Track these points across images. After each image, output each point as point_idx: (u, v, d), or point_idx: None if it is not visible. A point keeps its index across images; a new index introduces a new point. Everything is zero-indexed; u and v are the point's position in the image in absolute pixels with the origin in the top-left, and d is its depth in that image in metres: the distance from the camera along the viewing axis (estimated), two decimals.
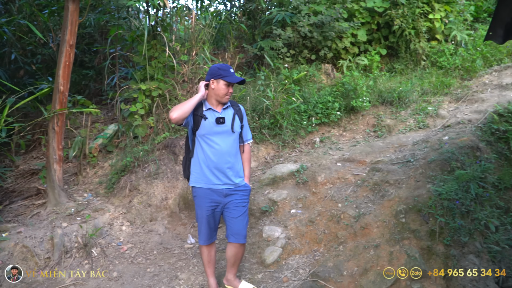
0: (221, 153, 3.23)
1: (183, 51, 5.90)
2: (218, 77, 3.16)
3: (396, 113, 6.36)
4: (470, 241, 4.06)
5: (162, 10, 6.24)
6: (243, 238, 3.34)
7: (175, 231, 4.59)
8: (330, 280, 3.54)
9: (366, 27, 7.62)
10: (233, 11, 8.29)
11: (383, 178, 4.51)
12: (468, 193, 4.08)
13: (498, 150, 5.00)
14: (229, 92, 3.21)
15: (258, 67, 6.84)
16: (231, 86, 3.21)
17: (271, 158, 5.61)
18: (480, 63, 7.41)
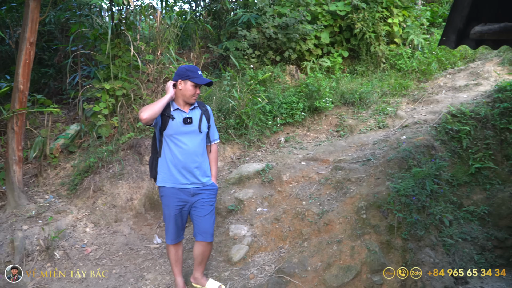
0: (188, 153, 3.27)
1: (148, 50, 5.87)
2: (186, 78, 3.20)
3: (358, 114, 6.59)
4: (426, 235, 4.28)
5: (126, 8, 6.17)
6: (210, 236, 3.39)
7: (140, 231, 4.57)
8: (295, 276, 3.65)
9: (329, 30, 7.83)
10: (198, 11, 8.29)
11: (345, 176, 4.68)
12: (424, 190, 4.31)
13: (452, 149, 5.29)
14: (196, 93, 3.26)
15: (223, 68, 6.89)
16: (198, 87, 3.26)
17: (237, 157, 5.67)
18: (435, 66, 7.79)
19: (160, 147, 3.34)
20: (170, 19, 6.28)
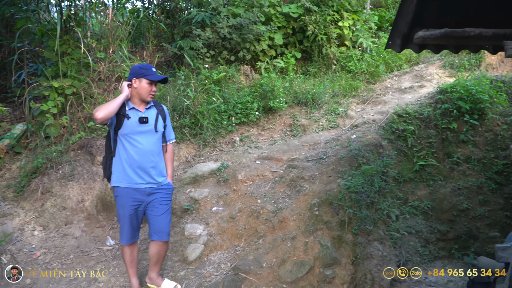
0: (144, 153, 3.24)
1: (99, 48, 5.71)
2: (140, 76, 3.17)
3: (310, 114, 6.77)
4: (375, 229, 4.49)
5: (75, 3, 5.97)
6: (166, 236, 3.38)
7: (92, 234, 4.45)
8: (250, 273, 3.71)
9: (282, 31, 7.98)
10: (151, 9, 8.16)
11: (299, 175, 4.80)
12: (373, 186, 4.52)
13: (398, 147, 5.57)
14: (152, 91, 3.24)
15: (178, 67, 6.83)
16: (154, 84, 3.24)
17: (192, 157, 5.66)
18: (383, 68, 8.15)
19: (114, 147, 3.28)
20: (122, 16, 6.15)
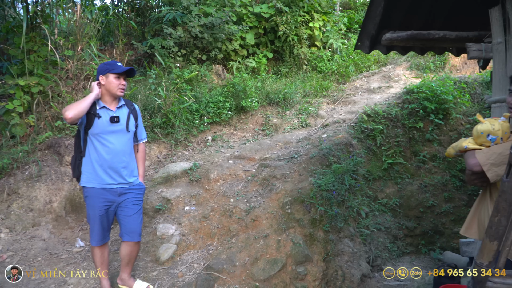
0: (115, 152, 3.19)
1: (67, 45, 5.56)
2: (106, 71, 3.12)
3: (282, 113, 6.83)
4: (345, 226, 4.58)
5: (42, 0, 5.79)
6: (138, 236, 3.33)
7: (61, 235, 4.33)
8: (223, 271, 3.71)
9: (254, 31, 8.01)
10: (121, 6, 8.01)
11: (271, 173, 4.84)
12: (343, 184, 4.61)
13: (367, 146, 5.70)
14: (121, 84, 3.18)
15: (148, 66, 6.75)
16: (122, 78, 3.18)
17: (163, 157, 5.60)
18: (352, 69, 8.32)
19: (84, 146, 3.20)
20: (91, 13, 6.01)
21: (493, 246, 1.43)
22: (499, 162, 2.09)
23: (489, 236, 1.42)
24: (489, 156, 2.14)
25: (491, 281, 1.54)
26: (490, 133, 2.24)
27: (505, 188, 1.33)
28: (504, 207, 1.35)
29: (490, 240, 1.42)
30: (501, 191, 1.35)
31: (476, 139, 2.32)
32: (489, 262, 1.47)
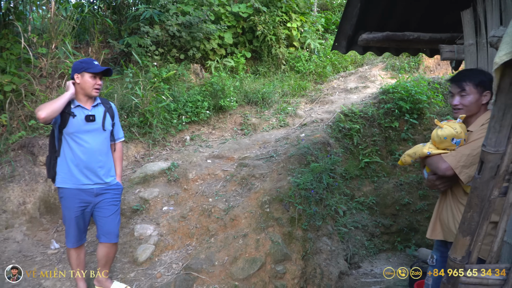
0: (91, 152, 3.13)
1: (40, 43, 5.42)
2: (82, 70, 3.05)
3: (261, 113, 6.84)
4: (323, 225, 4.64)
5: None
6: (115, 237, 3.28)
7: (35, 237, 4.23)
8: (202, 271, 3.70)
9: (232, 31, 7.99)
10: (96, 4, 7.86)
11: (250, 173, 4.85)
12: (321, 183, 4.66)
13: (345, 145, 5.78)
14: (97, 84, 3.11)
15: (125, 64, 6.65)
16: (98, 77, 3.12)
17: (141, 156, 5.53)
18: (330, 69, 8.41)
19: (59, 146, 3.13)
20: (65, 10, 5.87)
21: (465, 241, 1.48)
22: (469, 163, 2.17)
23: (462, 232, 1.47)
24: (459, 159, 2.20)
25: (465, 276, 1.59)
26: (454, 137, 2.26)
27: (477, 185, 1.37)
28: (476, 203, 1.40)
29: (463, 235, 1.47)
30: (473, 188, 1.39)
31: (438, 145, 2.34)
32: (462, 257, 1.52)
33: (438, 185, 2.40)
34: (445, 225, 2.44)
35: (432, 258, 2.67)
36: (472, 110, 2.35)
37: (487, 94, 2.33)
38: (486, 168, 1.35)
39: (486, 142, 1.32)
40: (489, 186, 1.38)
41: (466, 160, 2.19)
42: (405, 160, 2.55)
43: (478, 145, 2.14)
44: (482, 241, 1.51)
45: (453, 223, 2.39)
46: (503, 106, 1.23)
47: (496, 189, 1.40)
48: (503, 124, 1.26)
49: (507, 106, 1.23)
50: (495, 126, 1.28)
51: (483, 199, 1.39)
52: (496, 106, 1.25)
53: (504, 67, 1.19)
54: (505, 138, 1.28)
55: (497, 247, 1.52)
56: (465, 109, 2.36)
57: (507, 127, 1.26)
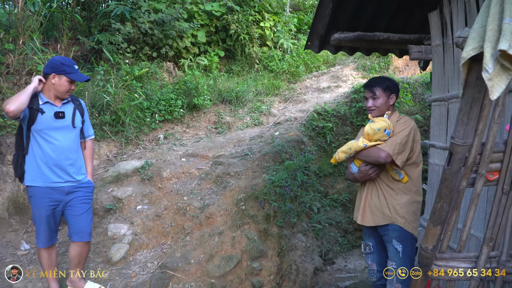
0: (61, 149, 3.06)
1: (7, 38, 5.24)
2: (61, 72, 2.98)
3: (235, 111, 6.85)
4: (298, 221, 4.70)
5: None
6: (87, 236, 3.22)
7: (4, 238, 4.09)
8: (178, 270, 3.68)
9: (205, 29, 7.96)
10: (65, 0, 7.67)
11: (225, 171, 4.85)
12: (296, 180, 4.72)
13: (318, 144, 5.87)
14: (71, 89, 3.07)
15: (96, 62, 6.52)
16: (73, 83, 3.08)
17: (113, 155, 5.44)
18: (302, 69, 8.51)
19: (27, 143, 3.04)
20: (33, 6, 5.70)
21: (436, 231, 1.54)
22: (401, 150, 2.57)
23: (432, 222, 1.53)
24: (394, 147, 2.56)
25: (436, 265, 1.66)
26: (386, 128, 2.63)
27: (447, 176, 1.43)
28: (446, 193, 1.46)
29: (434, 225, 1.53)
30: (443, 178, 1.45)
31: (372, 136, 2.66)
32: (433, 246, 1.58)
33: (371, 173, 2.71)
34: (377, 210, 2.72)
35: (367, 246, 2.92)
36: (382, 110, 2.77)
37: (393, 97, 2.80)
38: (455, 159, 1.41)
39: (454, 134, 1.39)
40: (458, 177, 1.44)
41: (399, 148, 2.57)
42: (339, 157, 2.82)
43: (404, 135, 2.60)
44: (451, 231, 1.58)
45: (387, 207, 2.69)
46: (470, 99, 1.30)
47: (465, 179, 1.47)
48: (470, 117, 1.33)
49: (473, 99, 1.30)
50: (463, 119, 1.34)
51: (452, 189, 1.46)
52: (463, 99, 1.32)
53: (471, 62, 1.26)
54: (472, 130, 1.35)
55: (465, 236, 1.60)
56: (377, 109, 2.77)
57: (474, 120, 1.33)
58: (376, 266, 2.88)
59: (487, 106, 1.33)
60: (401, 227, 2.64)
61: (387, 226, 2.69)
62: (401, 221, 2.64)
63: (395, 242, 2.65)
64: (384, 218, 2.69)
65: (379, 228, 2.76)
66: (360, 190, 2.93)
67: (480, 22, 1.25)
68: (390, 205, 2.68)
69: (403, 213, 2.64)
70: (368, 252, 2.92)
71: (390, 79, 2.86)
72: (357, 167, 2.78)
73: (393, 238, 2.66)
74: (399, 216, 2.64)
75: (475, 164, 1.46)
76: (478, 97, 1.29)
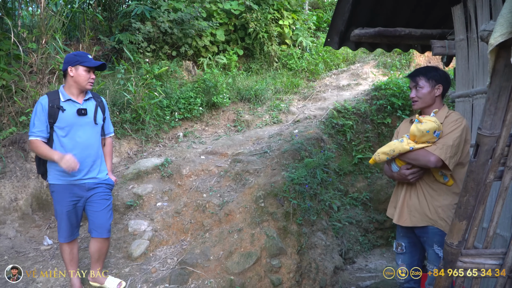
0: (83, 146, 3.10)
1: (30, 38, 5.36)
2: (76, 63, 3.02)
3: (254, 109, 6.85)
4: (318, 220, 4.66)
5: None
6: (106, 232, 3.25)
7: (28, 234, 4.18)
8: (197, 266, 3.69)
9: (224, 28, 7.98)
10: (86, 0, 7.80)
11: (244, 168, 4.85)
12: (315, 178, 4.67)
13: (338, 141, 5.80)
14: (91, 78, 3.10)
15: (117, 61, 6.61)
16: (92, 71, 3.11)
17: (134, 153, 5.50)
18: (322, 66, 8.44)
19: (50, 141, 3.10)
20: (56, 6, 5.81)
21: (462, 226, 1.49)
22: (453, 153, 2.37)
23: (458, 216, 1.48)
24: (446, 151, 2.36)
25: (461, 261, 1.61)
26: (436, 129, 2.40)
27: (473, 168, 1.39)
28: (472, 186, 1.42)
29: (459, 220, 1.48)
30: (469, 171, 1.41)
31: (419, 138, 2.45)
32: (458, 241, 1.54)
33: (410, 179, 2.55)
34: (416, 211, 2.57)
35: (400, 246, 2.80)
36: (427, 101, 2.61)
37: (439, 87, 2.60)
38: (482, 151, 1.36)
39: (481, 125, 1.34)
40: (485, 170, 1.39)
41: (451, 151, 2.36)
42: (380, 159, 2.65)
43: (456, 136, 2.39)
44: (478, 226, 1.53)
45: (428, 208, 2.53)
46: (498, 88, 1.25)
47: (492, 172, 1.42)
48: (498, 106, 1.28)
49: (501, 88, 1.25)
50: (490, 109, 1.29)
51: (479, 182, 1.41)
52: (491, 88, 1.27)
53: (499, 49, 1.21)
54: (500, 120, 1.30)
55: (492, 231, 1.54)
56: (420, 100, 2.62)
57: (502, 110, 1.28)
58: (406, 267, 2.76)
59: None
60: (442, 231, 2.47)
61: (427, 229, 2.55)
62: (442, 224, 2.47)
63: (436, 247, 2.50)
64: (423, 220, 2.55)
65: (416, 229, 2.63)
66: (397, 188, 2.78)
67: (509, 7, 1.20)
68: (431, 206, 2.52)
69: (444, 216, 2.47)
70: (399, 252, 2.79)
71: (438, 69, 2.66)
72: (398, 166, 2.62)
73: (434, 243, 2.51)
74: (440, 219, 2.48)
75: (503, 157, 1.40)
76: (506, 86, 1.24)
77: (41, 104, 2.99)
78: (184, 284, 3.54)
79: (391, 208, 2.84)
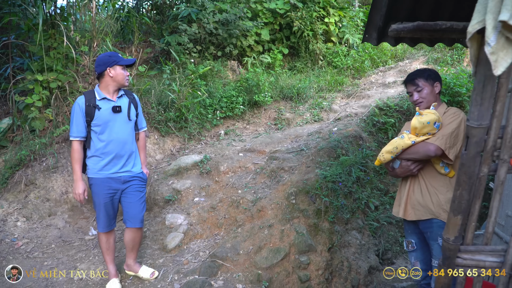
0: (119, 142, 3.30)
1: (83, 41, 5.77)
2: (113, 64, 3.23)
3: (295, 108, 6.86)
4: (353, 218, 4.58)
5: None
6: (139, 222, 3.44)
7: (76, 224, 4.52)
8: (227, 259, 3.79)
9: (269, 27, 8.06)
10: (140, 4, 8.22)
11: (279, 165, 4.89)
12: (351, 176, 4.60)
13: (379, 140, 5.67)
14: (127, 75, 3.33)
15: (164, 62, 6.91)
16: (126, 69, 3.33)
17: (177, 150, 5.73)
18: (368, 64, 8.25)
19: (88, 138, 3.33)
20: (107, 11, 6.20)
21: (457, 221, 1.44)
22: (452, 143, 2.44)
23: (452, 211, 1.44)
24: (445, 141, 2.44)
25: (460, 258, 1.55)
26: (436, 121, 2.49)
27: (464, 161, 1.34)
28: (464, 180, 1.37)
29: (454, 214, 1.44)
30: (461, 164, 1.36)
31: (420, 130, 2.52)
32: (455, 237, 1.49)
33: (412, 169, 2.59)
34: (419, 204, 2.61)
35: (410, 244, 2.79)
36: (430, 100, 2.69)
37: (437, 85, 2.72)
38: (471, 143, 1.32)
39: (469, 116, 1.30)
40: (476, 162, 1.34)
41: (450, 141, 2.44)
42: (384, 158, 2.69)
43: (454, 127, 2.47)
44: (475, 221, 1.47)
45: (431, 201, 2.56)
46: (483, 77, 1.21)
47: (485, 166, 1.37)
48: (484, 96, 1.23)
49: (486, 77, 1.20)
50: (476, 99, 1.25)
51: (471, 176, 1.36)
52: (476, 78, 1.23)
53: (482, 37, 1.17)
54: (487, 111, 1.25)
55: (491, 227, 1.48)
56: (424, 101, 2.69)
57: (489, 100, 1.23)
58: (420, 264, 2.74)
59: (504, 85, 1.23)
60: (445, 223, 2.47)
61: (430, 222, 2.56)
62: (446, 216, 2.43)
63: (440, 240, 2.49)
64: (427, 213, 2.57)
65: (421, 224, 2.64)
66: (401, 184, 2.80)
67: None
68: (435, 199, 2.55)
69: (448, 208, 2.45)
70: (411, 250, 2.79)
71: (429, 68, 2.78)
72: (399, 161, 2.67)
73: (439, 236, 2.51)
74: (443, 211, 2.50)
75: (496, 149, 1.35)
76: (491, 75, 1.20)
77: (78, 104, 3.23)
78: (213, 276, 3.66)
79: (396, 206, 2.84)
